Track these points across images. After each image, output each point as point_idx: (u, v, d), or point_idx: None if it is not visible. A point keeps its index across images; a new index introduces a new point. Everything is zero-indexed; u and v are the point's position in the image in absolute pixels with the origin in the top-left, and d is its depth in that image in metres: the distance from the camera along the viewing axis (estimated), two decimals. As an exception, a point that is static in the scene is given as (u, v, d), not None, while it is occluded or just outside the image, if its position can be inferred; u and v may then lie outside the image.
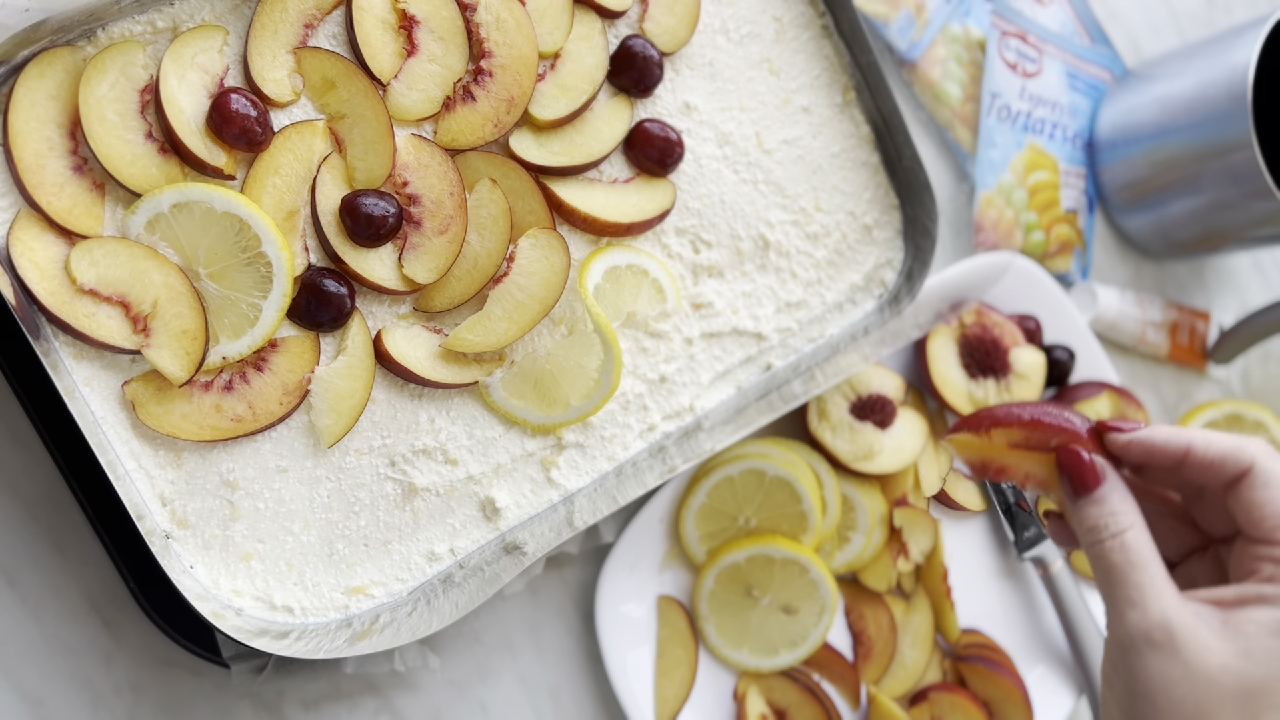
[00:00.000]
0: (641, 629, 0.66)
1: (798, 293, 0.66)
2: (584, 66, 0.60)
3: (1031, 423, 0.46)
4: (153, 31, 0.52)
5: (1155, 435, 0.44)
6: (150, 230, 0.51)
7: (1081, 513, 0.43)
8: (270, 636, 0.52)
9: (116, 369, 0.52)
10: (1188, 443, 0.44)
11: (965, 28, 0.79)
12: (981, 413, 0.48)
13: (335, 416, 0.55)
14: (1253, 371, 0.91)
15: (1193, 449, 0.43)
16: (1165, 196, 0.81)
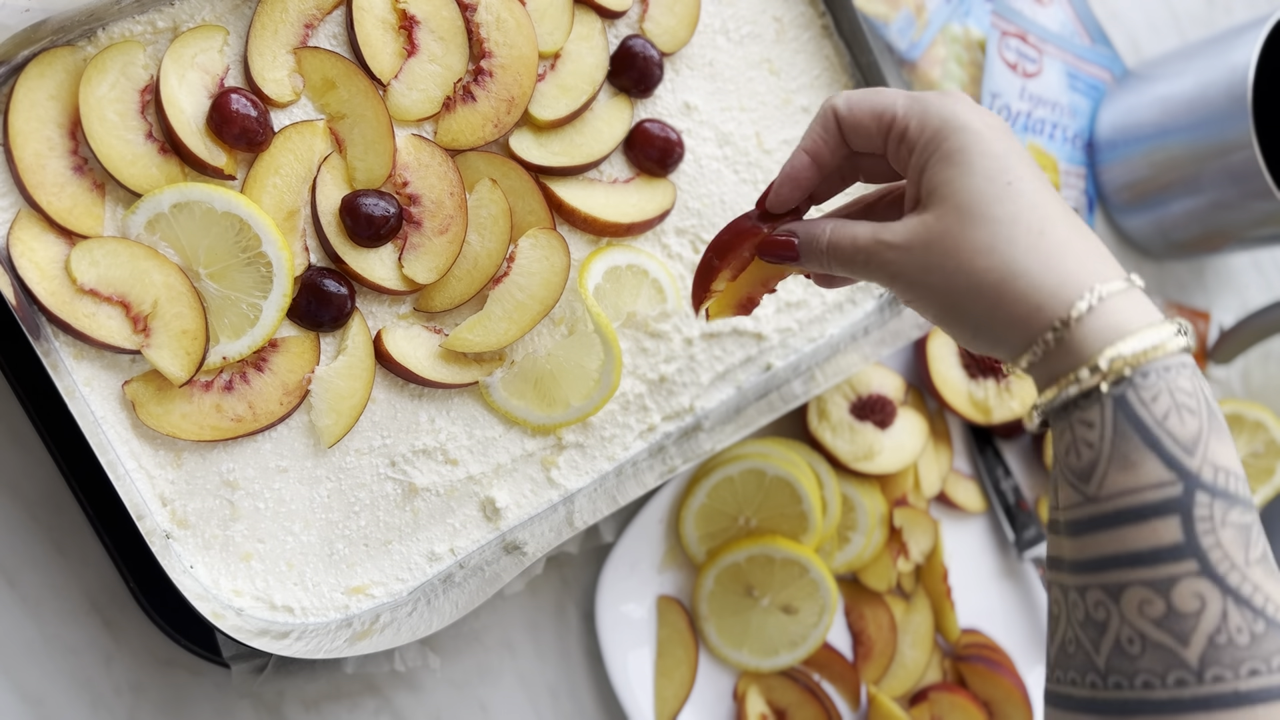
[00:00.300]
0: (641, 629, 0.66)
1: (797, 292, 0.66)
2: (584, 66, 0.60)
3: (726, 252, 0.51)
4: (153, 31, 0.52)
5: (782, 183, 0.49)
6: (150, 230, 0.51)
7: (806, 264, 0.49)
8: (270, 636, 0.52)
9: (117, 369, 0.52)
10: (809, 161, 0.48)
11: (965, 28, 0.79)
12: (695, 283, 0.52)
13: (335, 416, 0.55)
14: (1253, 371, 0.91)
15: (816, 157, 0.48)
16: (1165, 197, 0.81)
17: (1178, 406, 0.39)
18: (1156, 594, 0.38)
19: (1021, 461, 0.78)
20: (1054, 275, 0.41)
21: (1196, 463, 0.38)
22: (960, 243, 0.42)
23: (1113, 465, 0.39)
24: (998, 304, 0.42)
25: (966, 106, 0.44)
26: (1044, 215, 0.42)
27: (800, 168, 0.48)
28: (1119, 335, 0.40)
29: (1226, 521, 0.38)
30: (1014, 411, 0.73)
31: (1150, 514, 0.38)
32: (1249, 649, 0.37)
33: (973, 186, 0.42)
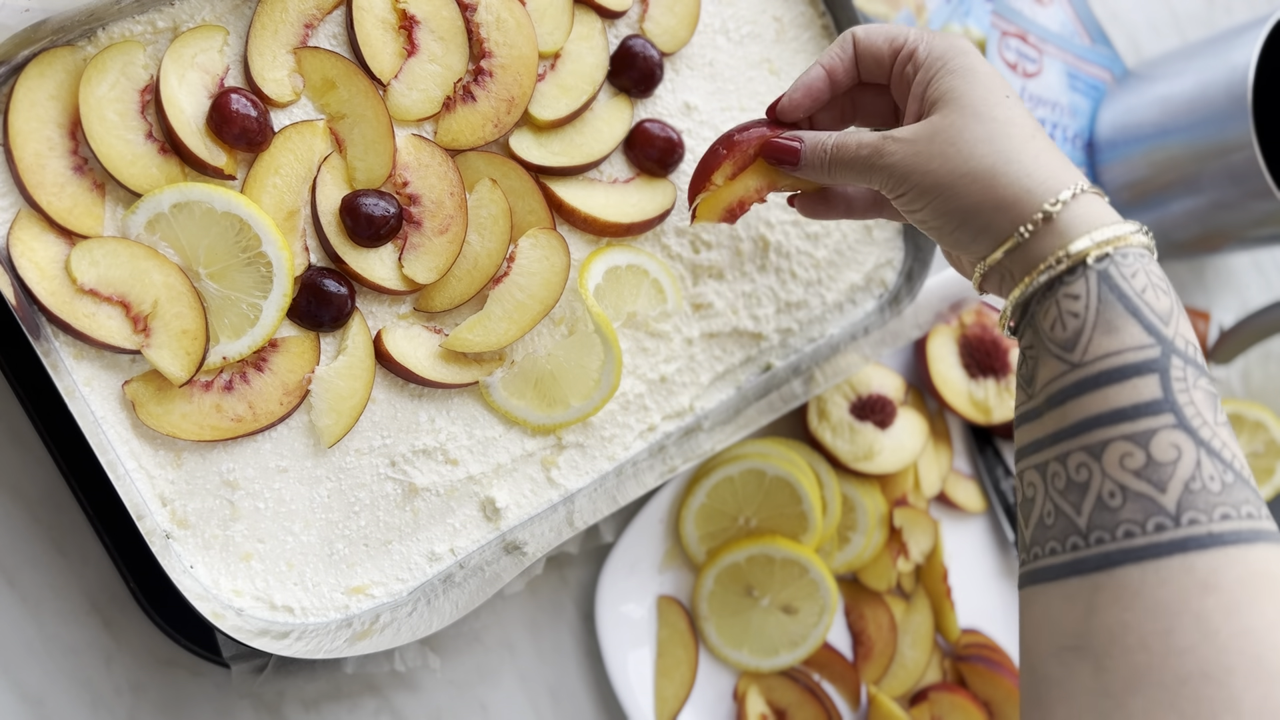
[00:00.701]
0: (641, 629, 0.66)
1: (798, 293, 0.66)
2: (584, 66, 0.60)
3: (733, 145, 0.54)
4: (153, 31, 0.52)
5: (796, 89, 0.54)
6: (150, 230, 0.51)
7: (805, 172, 0.53)
8: (270, 636, 0.52)
9: (117, 369, 0.52)
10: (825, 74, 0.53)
11: (965, 28, 0.79)
12: (695, 174, 0.55)
13: (335, 416, 0.55)
14: (1253, 371, 0.91)
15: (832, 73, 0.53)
16: (1165, 196, 0.81)
17: (1153, 284, 0.43)
18: (1137, 446, 0.40)
19: (1021, 461, 0.78)
20: (1043, 169, 0.45)
21: (1171, 332, 0.42)
22: (963, 133, 0.47)
23: (1098, 331, 0.42)
24: (991, 187, 0.46)
25: (966, 42, 0.51)
26: (1033, 128, 0.47)
27: (815, 79, 0.53)
28: (1100, 223, 0.44)
29: (1198, 385, 0.41)
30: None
31: (1131, 373, 0.41)
32: (1220, 495, 0.39)
33: (976, 93, 0.48)
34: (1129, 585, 0.39)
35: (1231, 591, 0.37)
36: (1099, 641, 0.39)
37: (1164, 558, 0.39)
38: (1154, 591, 0.38)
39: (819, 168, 0.52)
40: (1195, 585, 0.38)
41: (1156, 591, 0.38)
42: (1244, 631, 0.37)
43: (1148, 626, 0.38)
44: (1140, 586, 0.39)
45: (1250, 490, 0.40)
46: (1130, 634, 0.38)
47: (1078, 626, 0.40)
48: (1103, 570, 0.40)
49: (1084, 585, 0.40)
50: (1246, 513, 0.39)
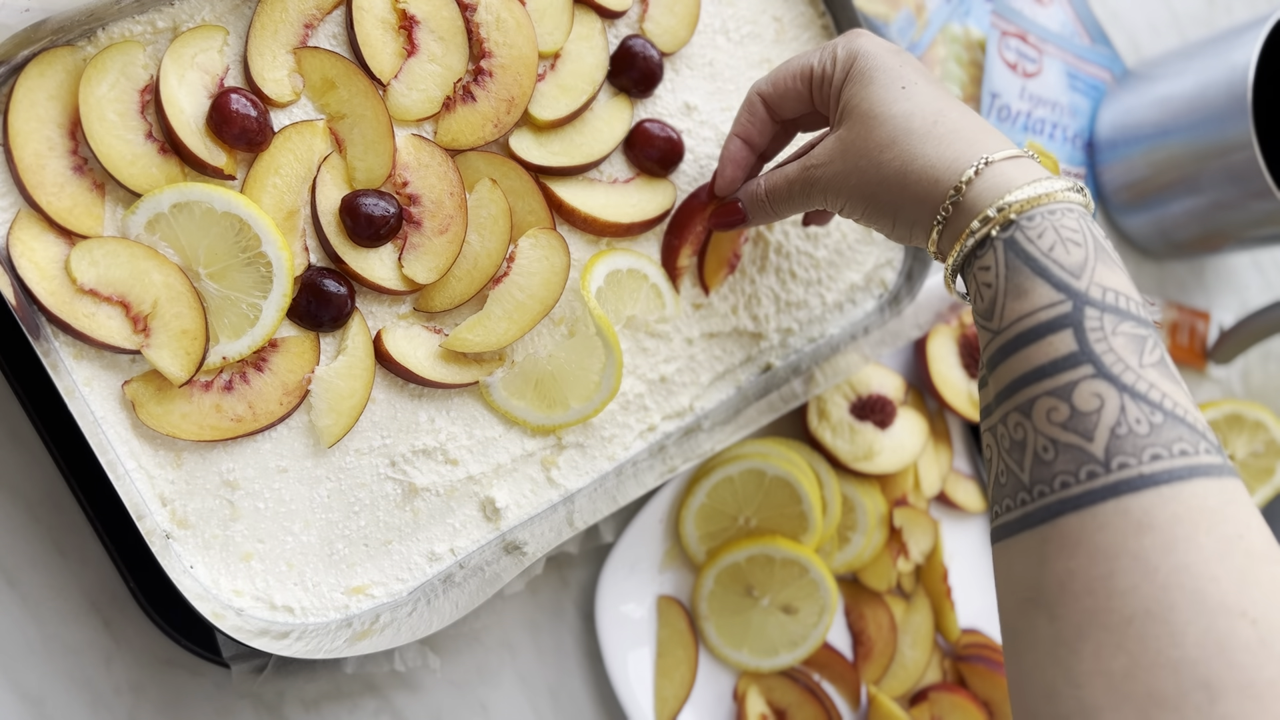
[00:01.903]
0: (641, 629, 0.66)
1: (797, 293, 0.66)
2: (584, 66, 0.60)
3: (681, 230, 0.61)
4: (153, 31, 0.52)
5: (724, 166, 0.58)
6: (150, 230, 0.51)
7: (755, 220, 0.58)
8: (270, 636, 0.52)
9: (116, 369, 0.52)
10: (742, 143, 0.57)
11: (965, 28, 0.79)
12: (663, 261, 0.62)
13: (335, 416, 0.55)
14: (1253, 371, 0.91)
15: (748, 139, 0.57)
16: (1165, 196, 0.81)
17: (1062, 240, 0.43)
18: (1060, 400, 0.41)
19: (1021, 461, 0.78)
20: (949, 152, 0.47)
21: (1084, 284, 0.42)
22: (868, 142, 0.49)
23: (1009, 297, 0.43)
24: (904, 186, 0.48)
25: (866, 38, 0.52)
26: (937, 109, 0.48)
27: (736, 150, 0.57)
28: (1006, 190, 0.45)
29: (1118, 331, 0.41)
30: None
31: (1045, 331, 0.42)
32: (1149, 437, 0.40)
33: (873, 95, 0.50)
34: (1070, 534, 0.39)
35: (1167, 529, 0.38)
36: (1050, 591, 0.40)
37: (1099, 503, 0.39)
38: (1093, 537, 0.39)
39: (763, 212, 0.56)
40: (1131, 527, 0.38)
41: (1095, 537, 0.39)
42: (1182, 567, 0.37)
43: (1091, 571, 0.39)
44: (1080, 534, 0.39)
45: (1184, 427, 0.40)
46: (1076, 580, 0.39)
47: (1032, 579, 0.41)
48: (1046, 522, 0.40)
49: (1034, 538, 0.41)
50: (1179, 450, 0.39)
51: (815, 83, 0.53)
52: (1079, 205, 0.45)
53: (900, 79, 0.50)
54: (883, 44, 0.52)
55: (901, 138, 0.48)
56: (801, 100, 0.55)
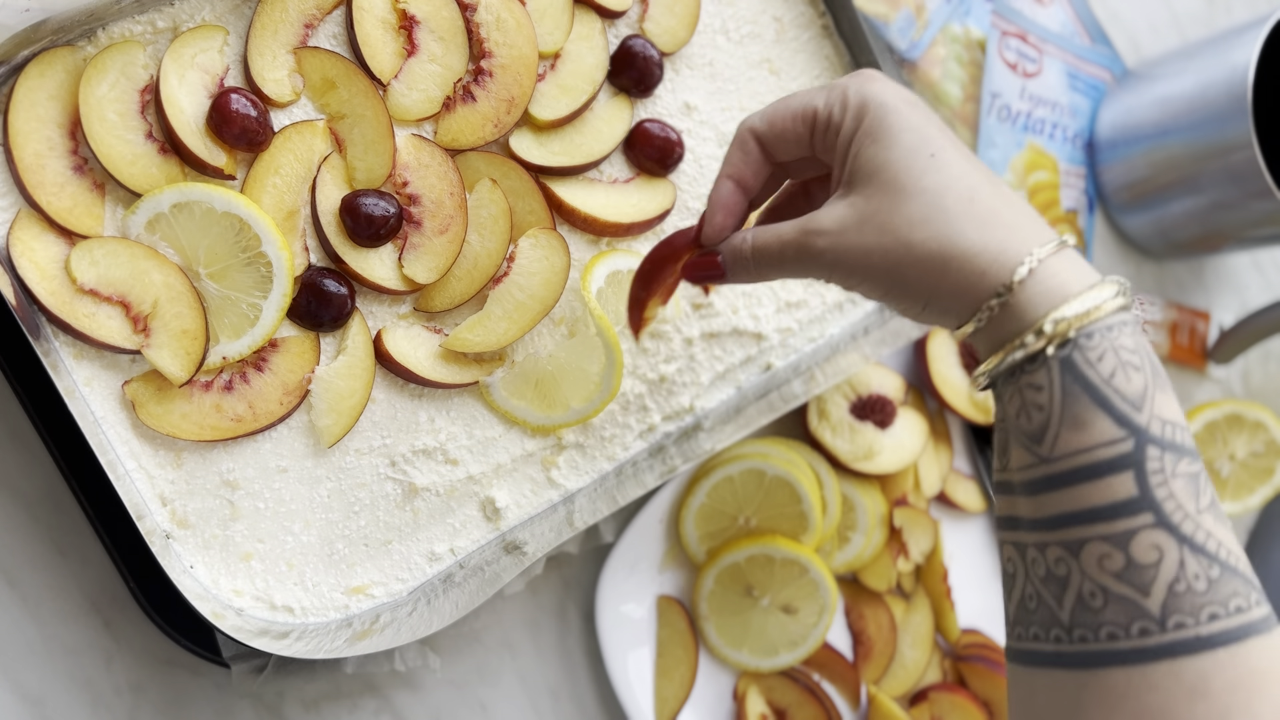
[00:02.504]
0: (641, 629, 0.66)
1: (798, 292, 0.66)
2: (584, 66, 0.60)
3: (651, 282, 0.52)
4: (153, 31, 0.52)
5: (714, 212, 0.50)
6: (150, 230, 0.51)
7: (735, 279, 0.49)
8: (270, 636, 0.52)
9: (116, 369, 0.52)
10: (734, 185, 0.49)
11: (965, 28, 0.79)
12: (629, 310, 0.54)
13: (335, 416, 0.55)
14: (1253, 371, 0.91)
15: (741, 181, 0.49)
16: (1165, 196, 0.81)
17: (1123, 364, 0.40)
18: (1115, 548, 0.38)
19: (1021, 461, 0.78)
20: (993, 241, 0.42)
21: (1145, 418, 0.39)
22: (895, 218, 0.43)
23: (1064, 426, 0.40)
24: (943, 274, 0.42)
25: (881, 84, 0.45)
26: (970, 184, 0.43)
27: (727, 195, 0.49)
28: (1061, 298, 0.40)
29: (1177, 472, 0.39)
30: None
31: (1105, 471, 0.39)
32: (1207, 594, 0.38)
33: (899, 161, 0.43)
34: (1115, 688, 0.38)
35: (1221, 697, 0.36)
36: None
37: (1150, 663, 0.37)
38: (1141, 696, 0.37)
39: (746, 272, 0.48)
40: (1183, 692, 0.37)
41: (1144, 697, 0.37)
42: None
43: None
44: (1126, 690, 0.38)
45: (1239, 579, 0.38)
46: None
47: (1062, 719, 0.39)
48: (1087, 669, 0.39)
49: (1070, 680, 0.39)
50: (1235, 607, 0.38)
51: (819, 128, 0.46)
52: (1132, 318, 0.41)
53: (927, 143, 0.43)
54: (900, 94, 0.45)
55: (937, 216, 0.42)
56: (800, 144, 0.47)
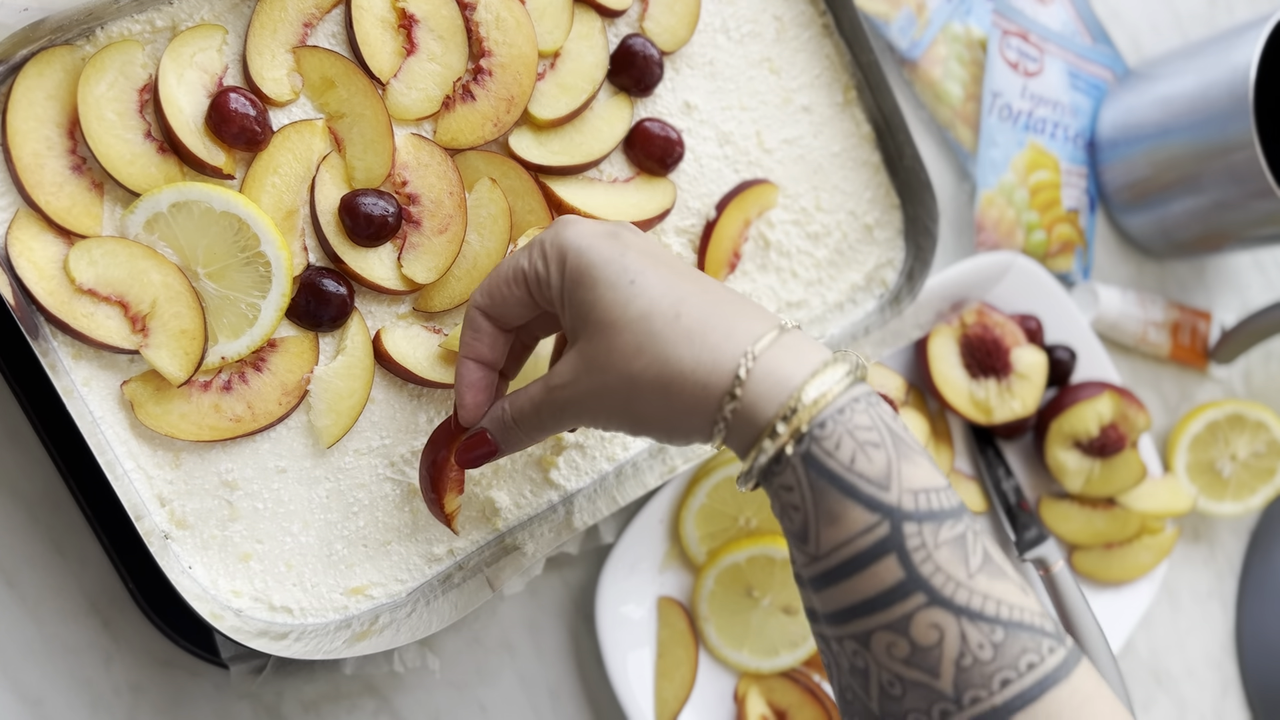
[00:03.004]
0: (642, 630, 0.66)
1: (798, 292, 0.66)
2: (584, 65, 0.60)
3: (436, 485, 0.52)
4: (151, 30, 0.52)
5: (463, 394, 0.49)
6: (149, 230, 0.51)
7: (510, 448, 0.49)
8: (269, 637, 0.52)
9: (115, 369, 0.51)
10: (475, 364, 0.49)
11: (966, 27, 0.79)
12: (432, 509, 0.53)
13: (334, 417, 0.54)
14: (1254, 371, 0.91)
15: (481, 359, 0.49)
16: (1167, 196, 0.81)
17: (861, 446, 0.39)
18: (898, 635, 0.38)
19: (1023, 461, 0.78)
20: (705, 353, 0.41)
21: (894, 495, 0.39)
22: (613, 355, 0.43)
23: (821, 522, 0.40)
24: (669, 397, 0.42)
25: (573, 228, 0.45)
26: (675, 299, 0.42)
27: (470, 374, 0.49)
28: (787, 392, 0.40)
29: (939, 541, 0.38)
30: (1015, 412, 0.73)
31: (869, 559, 0.39)
32: (994, 661, 0.38)
33: (603, 298, 0.43)
34: None
35: None
36: None
37: None
38: None
39: (516, 439, 0.48)
40: None
41: None
42: None
43: None
44: None
45: (1026, 633, 0.38)
46: None
47: None
48: None
49: None
50: (1027, 664, 0.38)
51: (532, 286, 0.46)
52: (863, 393, 0.41)
53: (624, 272, 0.43)
54: (592, 230, 0.45)
55: (648, 343, 0.42)
56: (525, 305, 0.47)
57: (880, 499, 0.39)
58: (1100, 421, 0.74)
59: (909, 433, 0.41)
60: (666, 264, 0.44)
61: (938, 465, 0.41)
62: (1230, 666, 0.87)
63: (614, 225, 0.46)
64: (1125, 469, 0.75)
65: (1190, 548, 0.86)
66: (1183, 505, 0.78)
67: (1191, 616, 0.86)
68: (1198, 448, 0.83)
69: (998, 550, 0.40)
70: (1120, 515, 0.77)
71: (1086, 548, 0.78)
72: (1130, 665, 0.82)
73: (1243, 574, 0.88)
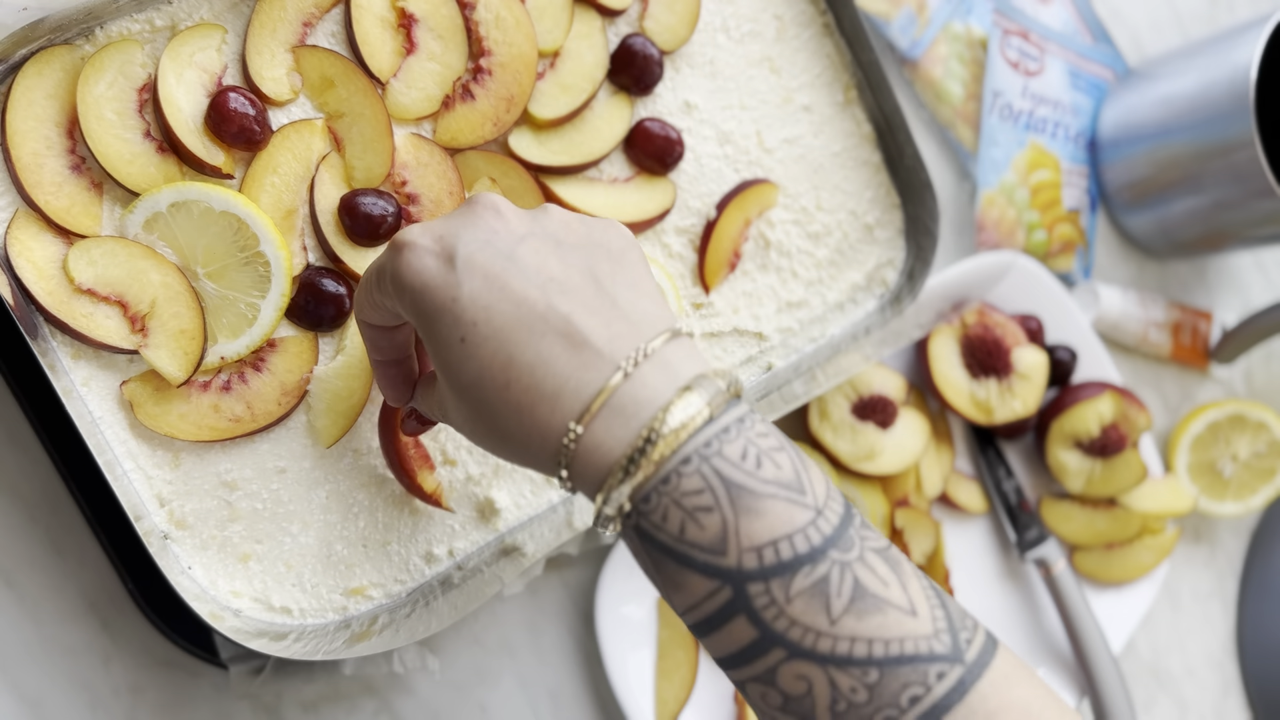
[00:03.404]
0: (642, 631, 0.66)
1: (799, 292, 0.66)
2: (584, 65, 0.60)
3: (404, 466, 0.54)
4: (151, 30, 0.52)
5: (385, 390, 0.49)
6: (148, 230, 0.51)
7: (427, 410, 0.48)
8: (268, 638, 0.51)
9: (114, 369, 0.51)
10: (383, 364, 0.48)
11: (967, 26, 0.79)
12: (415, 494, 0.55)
13: (334, 417, 0.54)
14: (1255, 371, 0.91)
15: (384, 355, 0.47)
16: (1167, 196, 0.81)
17: (690, 514, 0.37)
18: (768, 686, 0.37)
19: (1024, 462, 0.78)
20: (535, 429, 0.39)
21: (733, 559, 0.36)
22: (459, 418, 0.42)
23: (667, 587, 0.39)
24: (516, 457, 0.41)
25: (403, 258, 0.40)
26: (506, 359, 0.39)
27: (381, 372, 0.48)
28: (605, 468, 0.38)
29: (792, 595, 0.36)
30: (1016, 412, 0.73)
31: (720, 621, 0.37)
32: (871, 703, 0.36)
33: (439, 357, 0.40)
34: None
35: None
36: None
37: None
38: None
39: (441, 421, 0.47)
40: None
41: None
42: None
43: None
44: None
45: (906, 666, 0.36)
46: None
47: None
48: None
49: None
50: (910, 698, 0.36)
51: (391, 315, 0.44)
52: (691, 448, 0.37)
53: (455, 326, 0.39)
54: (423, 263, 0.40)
55: (482, 411, 0.40)
56: (397, 317, 0.44)
57: (717, 564, 0.37)
58: (1101, 422, 0.74)
59: (745, 476, 0.37)
60: (507, 295, 0.39)
61: (813, 482, 0.38)
62: (1231, 667, 0.87)
63: (454, 230, 0.41)
64: (1126, 469, 0.75)
65: (1191, 548, 0.86)
66: (1184, 505, 0.78)
67: (1192, 617, 0.85)
68: (1199, 448, 0.83)
69: (883, 563, 0.37)
70: (1121, 515, 0.76)
71: (1087, 548, 0.77)
72: (1131, 665, 0.82)
73: (1244, 574, 0.88)
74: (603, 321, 0.39)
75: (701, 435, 0.37)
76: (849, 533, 0.38)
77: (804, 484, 0.38)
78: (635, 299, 0.41)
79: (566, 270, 0.40)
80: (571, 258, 0.41)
